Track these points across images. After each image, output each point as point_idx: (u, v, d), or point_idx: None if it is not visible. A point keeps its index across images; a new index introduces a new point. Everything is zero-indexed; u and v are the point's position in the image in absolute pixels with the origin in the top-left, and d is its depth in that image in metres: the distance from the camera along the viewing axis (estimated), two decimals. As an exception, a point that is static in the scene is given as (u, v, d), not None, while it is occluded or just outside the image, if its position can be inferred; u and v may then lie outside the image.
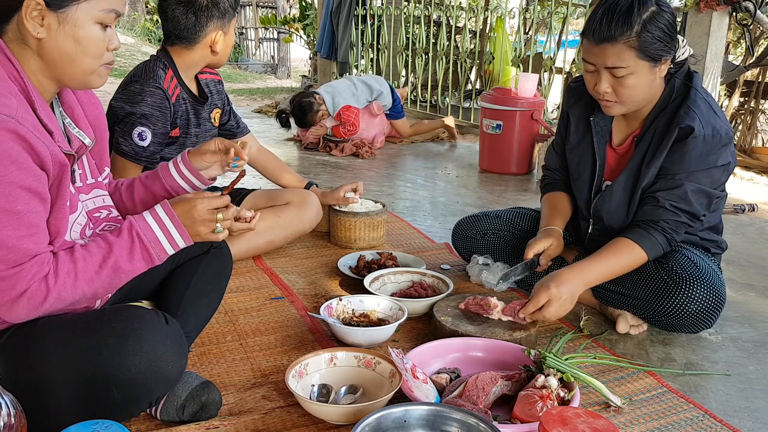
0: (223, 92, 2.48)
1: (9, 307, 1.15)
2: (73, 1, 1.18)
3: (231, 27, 2.19)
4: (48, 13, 1.17)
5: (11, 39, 1.19)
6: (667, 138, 1.77)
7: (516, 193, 3.78)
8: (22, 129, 1.11)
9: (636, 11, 1.65)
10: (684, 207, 1.77)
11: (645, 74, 1.71)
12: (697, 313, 1.77)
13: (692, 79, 1.82)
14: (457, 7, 6.09)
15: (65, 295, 1.19)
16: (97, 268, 1.22)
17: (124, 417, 1.27)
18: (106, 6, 1.22)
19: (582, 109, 1.99)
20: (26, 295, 1.15)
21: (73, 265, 1.20)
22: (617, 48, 1.67)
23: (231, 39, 2.21)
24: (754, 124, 5.02)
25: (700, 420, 1.51)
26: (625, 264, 1.79)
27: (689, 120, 1.74)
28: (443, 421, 1.23)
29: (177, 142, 2.25)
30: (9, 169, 1.09)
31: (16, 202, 1.11)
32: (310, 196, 2.58)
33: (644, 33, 1.65)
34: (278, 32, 12.52)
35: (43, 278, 1.16)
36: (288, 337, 1.84)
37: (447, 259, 2.52)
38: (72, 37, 1.20)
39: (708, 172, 1.76)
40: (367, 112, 4.93)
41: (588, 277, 1.76)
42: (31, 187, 1.13)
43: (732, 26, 4.20)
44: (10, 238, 1.11)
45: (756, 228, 3.20)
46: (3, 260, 1.12)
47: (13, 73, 1.18)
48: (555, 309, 1.70)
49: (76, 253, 1.22)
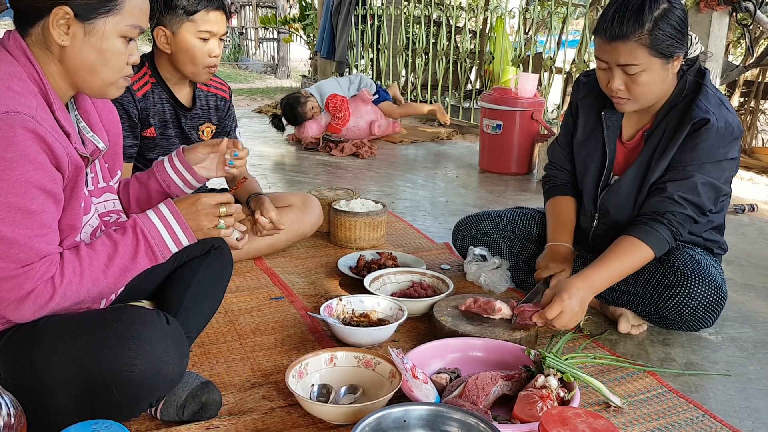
0: (225, 110, 2.39)
1: (15, 306, 1.16)
2: (102, 14, 1.20)
3: (183, 29, 2.03)
4: (75, 23, 1.18)
5: (34, 42, 1.21)
6: (679, 132, 1.76)
7: (516, 193, 3.78)
8: (42, 129, 1.12)
9: (647, 9, 1.65)
10: (692, 199, 1.75)
11: (657, 71, 1.71)
12: (699, 309, 1.77)
13: (704, 76, 1.82)
14: (457, 7, 6.09)
15: (71, 294, 1.19)
16: (102, 267, 1.23)
17: (125, 417, 1.27)
18: (132, 22, 1.24)
19: (593, 103, 1.97)
20: (32, 296, 1.15)
21: (78, 264, 1.20)
22: (629, 46, 1.67)
23: (187, 43, 2.04)
24: (754, 124, 5.02)
25: (700, 420, 1.51)
26: (632, 264, 1.77)
27: (703, 113, 1.73)
28: (443, 421, 1.23)
29: (158, 145, 2.23)
30: (26, 168, 1.11)
31: (31, 202, 1.12)
32: (311, 200, 2.58)
33: (656, 30, 1.65)
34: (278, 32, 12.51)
35: (50, 279, 1.16)
36: (288, 337, 1.84)
37: (447, 259, 2.52)
38: (96, 48, 1.21)
39: (718, 165, 1.75)
40: (360, 101, 5.00)
41: (596, 283, 1.74)
42: (46, 188, 1.14)
43: (732, 26, 4.19)
44: (23, 236, 1.12)
45: (756, 228, 3.20)
46: (14, 259, 1.13)
47: (33, 74, 1.19)
48: (566, 320, 1.69)
49: (82, 251, 1.22)
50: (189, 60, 2.08)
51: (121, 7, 1.21)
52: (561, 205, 2.08)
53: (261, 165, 4.24)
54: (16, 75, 1.16)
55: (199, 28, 2.03)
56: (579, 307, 1.70)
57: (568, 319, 1.69)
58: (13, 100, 1.11)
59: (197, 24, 2.03)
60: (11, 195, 1.10)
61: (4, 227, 1.11)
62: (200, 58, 2.07)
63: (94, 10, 1.19)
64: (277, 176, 4.00)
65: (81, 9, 1.18)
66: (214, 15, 2.05)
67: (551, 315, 1.68)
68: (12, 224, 1.11)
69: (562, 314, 1.68)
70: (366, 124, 4.99)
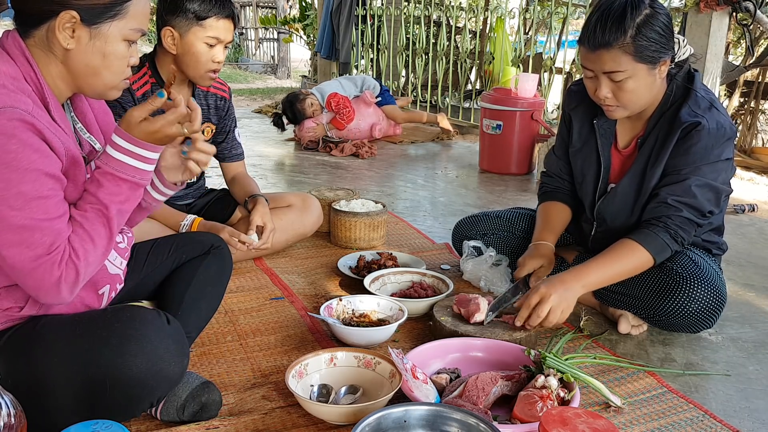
0: (225, 111, 2.41)
1: (54, 293, 1.16)
2: (108, 19, 1.20)
3: (191, 33, 2.04)
4: (81, 27, 1.19)
5: (36, 43, 1.21)
6: (671, 138, 1.76)
7: (516, 193, 3.78)
8: (38, 123, 1.13)
9: (629, 16, 1.65)
10: (688, 201, 1.74)
11: (644, 77, 1.71)
12: (698, 312, 1.77)
13: (693, 79, 1.81)
14: (457, 7, 6.09)
15: (93, 259, 1.20)
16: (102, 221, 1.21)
17: (125, 417, 1.27)
18: (135, 25, 1.24)
19: (585, 112, 1.98)
20: (62, 279, 1.15)
21: (82, 229, 1.19)
22: (613, 53, 1.67)
23: (193, 47, 2.06)
24: (754, 124, 5.02)
25: (700, 420, 1.51)
26: (628, 267, 1.76)
27: (692, 117, 1.73)
28: (443, 421, 1.23)
29: None
30: (33, 157, 1.12)
31: (43, 187, 1.13)
32: (311, 200, 2.58)
33: (639, 37, 1.65)
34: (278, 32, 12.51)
35: (68, 258, 1.16)
36: (288, 337, 1.84)
37: (447, 259, 2.52)
38: (101, 51, 1.22)
39: (713, 166, 1.74)
40: (361, 102, 4.99)
41: (586, 279, 1.74)
42: (54, 174, 1.16)
43: (732, 26, 4.19)
44: (43, 221, 1.13)
45: (756, 228, 3.20)
46: (39, 244, 1.12)
47: (30, 74, 1.19)
48: (555, 316, 1.69)
49: (76, 217, 1.20)
50: (193, 63, 2.09)
51: (126, 11, 1.22)
52: (549, 210, 2.09)
53: (261, 165, 4.24)
54: (11, 75, 1.16)
55: (207, 33, 2.05)
56: (564, 301, 1.70)
57: (553, 314, 1.69)
58: (8, 97, 1.12)
59: (206, 29, 2.04)
60: (23, 184, 1.11)
61: (21, 215, 1.11)
62: (203, 63, 2.08)
63: (100, 15, 1.19)
64: (277, 176, 4.01)
65: (87, 13, 1.18)
66: (223, 23, 2.06)
67: (530, 307, 1.70)
68: (29, 211, 1.12)
69: (543, 302, 1.69)
70: (367, 126, 4.98)
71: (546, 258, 1.95)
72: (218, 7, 2.04)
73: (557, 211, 2.07)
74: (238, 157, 2.50)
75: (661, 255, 1.76)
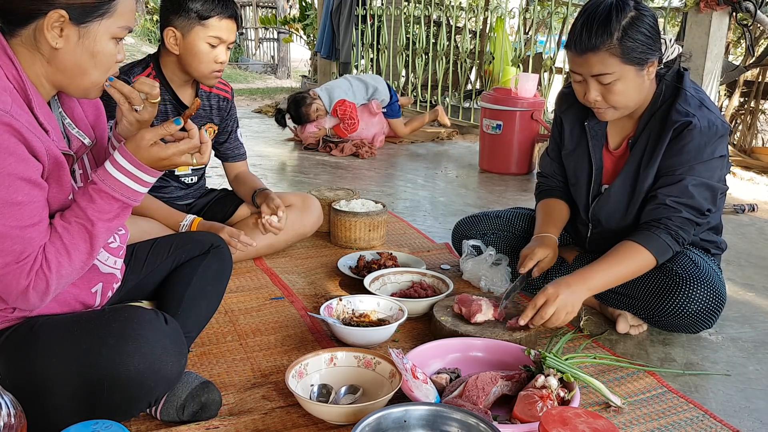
0: (227, 111, 2.42)
1: (22, 298, 1.17)
2: (97, 17, 1.19)
3: (193, 33, 2.04)
4: (69, 26, 1.18)
5: (22, 42, 1.19)
6: (663, 138, 1.77)
7: (516, 193, 3.78)
8: (17, 123, 1.11)
9: (614, 18, 1.65)
10: (686, 201, 1.75)
11: (632, 78, 1.71)
12: (698, 313, 1.77)
13: (682, 79, 1.82)
14: (457, 7, 6.09)
15: (65, 273, 1.19)
16: (84, 236, 1.20)
17: (124, 417, 1.27)
18: (123, 23, 1.23)
19: (576, 114, 1.98)
20: (30, 287, 1.15)
21: (60, 242, 1.18)
22: (600, 56, 1.67)
23: (195, 47, 2.06)
24: (754, 124, 5.01)
25: (700, 420, 1.51)
26: (631, 268, 1.76)
27: (683, 116, 1.74)
28: (443, 421, 1.23)
29: None
30: (7, 161, 1.10)
31: (17, 193, 1.11)
32: (311, 200, 2.58)
33: (625, 39, 1.66)
34: (278, 32, 12.52)
35: (39, 269, 1.15)
36: (288, 337, 1.84)
37: (447, 259, 2.52)
38: (89, 50, 1.21)
39: (708, 164, 1.75)
40: (367, 111, 4.94)
41: (592, 282, 1.74)
42: (30, 178, 1.14)
43: (732, 26, 4.19)
44: (14, 228, 1.12)
45: (756, 228, 3.20)
46: (9, 251, 1.12)
47: (12, 71, 1.18)
48: (560, 317, 1.69)
49: (58, 228, 1.19)
50: (195, 63, 2.10)
51: (114, 9, 1.21)
52: (549, 205, 2.09)
53: (261, 165, 4.24)
54: None
55: (209, 33, 2.05)
56: (570, 304, 1.70)
57: (558, 316, 1.70)
58: None
59: (208, 29, 2.04)
60: None
61: None
62: (206, 63, 2.09)
63: (89, 14, 1.18)
64: (278, 176, 4.00)
65: (76, 12, 1.17)
66: (226, 23, 2.06)
67: (536, 307, 1.70)
68: (1, 217, 1.10)
69: (548, 303, 1.69)
70: (369, 135, 4.93)
71: (551, 249, 1.95)
72: (221, 7, 2.04)
73: (557, 206, 2.08)
74: (240, 156, 2.52)
75: (663, 256, 1.77)
